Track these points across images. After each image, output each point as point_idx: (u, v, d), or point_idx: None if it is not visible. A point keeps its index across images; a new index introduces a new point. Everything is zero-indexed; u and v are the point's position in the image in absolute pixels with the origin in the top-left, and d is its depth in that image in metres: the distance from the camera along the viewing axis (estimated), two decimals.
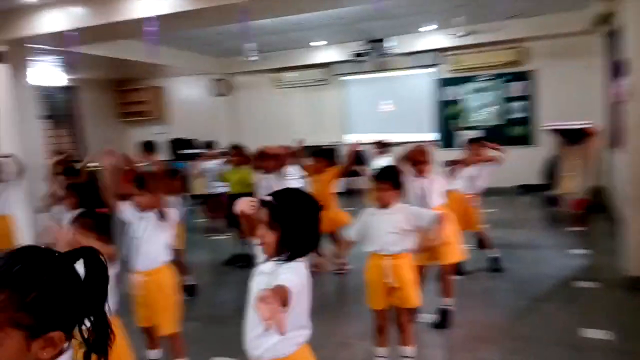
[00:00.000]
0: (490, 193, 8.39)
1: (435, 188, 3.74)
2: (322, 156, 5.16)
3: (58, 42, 6.70)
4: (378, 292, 2.98)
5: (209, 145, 7.31)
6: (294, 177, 6.45)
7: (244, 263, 5.40)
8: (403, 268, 2.93)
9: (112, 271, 2.48)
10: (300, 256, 1.82)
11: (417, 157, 3.76)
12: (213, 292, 5.01)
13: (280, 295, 1.55)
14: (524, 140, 9.23)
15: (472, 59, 9.29)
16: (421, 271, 3.82)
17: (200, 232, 7.26)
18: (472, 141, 5.08)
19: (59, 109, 11.07)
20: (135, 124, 12.25)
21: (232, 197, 5.69)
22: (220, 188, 6.26)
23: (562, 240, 6.00)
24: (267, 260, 1.84)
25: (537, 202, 7.40)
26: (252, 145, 10.41)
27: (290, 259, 1.79)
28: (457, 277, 4.81)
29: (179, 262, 4.88)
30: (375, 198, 2.97)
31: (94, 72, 10.73)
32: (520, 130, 9.27)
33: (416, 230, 2.94)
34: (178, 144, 11.21)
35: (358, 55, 9.31)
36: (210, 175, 6.51)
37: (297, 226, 1.79)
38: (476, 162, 4.76)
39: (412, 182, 3.76)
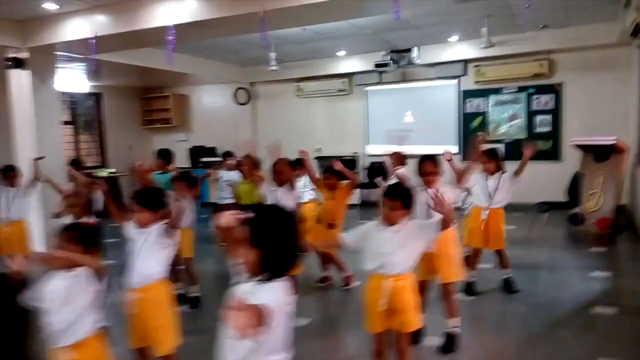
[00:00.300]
0: (510, 209, 8.22)
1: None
2: (333, 173, 5.03)
3: (81, 50, 6.82)
4: (376, 314, 2.84)
5: (227, 154, 7.24)
6: (305, 190, 6.37)
7: None
8: (404, 290, 2.79)
9: (99, 286, 2.42)
10: (282, 275, 1.73)
11: (426, 168, 3.63)
12: (218, 303, 4.91)
13: (258, 313, 1.50)
14: (549, 155, 8.95)
15: (497, 70, 9.07)
16: (422, 287, 3.68)
17: (212, 241, 7.22)
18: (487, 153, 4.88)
19: (83, 115, 11.28)
20: (158, 131, 12.39)
21: (241, 208, 5.65)
22: (228, 198, 6.22)
23: (584, 262, 5.74)
24: (247, 279, 1.75)
25: (560, 220, 7.13)
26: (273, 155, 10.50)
27: (270, 278, 1.70)
28: (468, 298, 4.66)
29: (188, 271, 4.85)
30: (383, 215, 2.84)
31: (119, 79, 10.90)
32: (545, 145, 9.00)
33: (423, 244, 2.82)
34: (199, 152, 11.27)
35: (380, 65, 9.19)
36: (222, 185, 6.47)
37: (279, 245, 1.70)
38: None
39: (419, 194, 3.63)
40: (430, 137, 9.79)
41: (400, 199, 2.77)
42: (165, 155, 5.71)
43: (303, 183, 6.36)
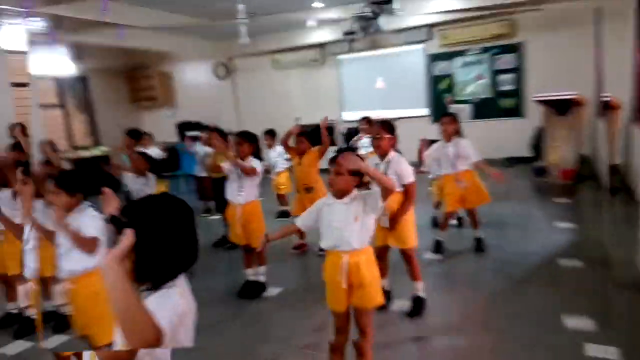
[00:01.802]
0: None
1: (395, 169, 3.08)
2: (304, 136, 4.52)
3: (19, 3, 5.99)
4: (336, 292, 2.40)
5: (205, 128, 6.68)
6: (278, 159, 5.88)
7: (232, 245, 4.89)
8: (362, 266, 2.33)
9: None
10: (170, 280, 1.26)
11: (372, 132, 3.16)
12: (192, 277, 4.46)
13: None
14: (514, 112, 8.46)
15: (461, 33, 8.47)
16: (381, 254, 3.23)
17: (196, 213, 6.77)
18: (444, 116, 4.33)
19: (73, 97, 10.57)
20: (147, 109, 11.73)
21: (215, 181, 5.15)
22: (203, 172, 5.72)
23: (550, 212, 5.34)
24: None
25: (525, 174, 6.71)
26: (254, 126, 9.98)
27: (156, 287, 1.23)
28: (437, 257, 4.25)
29: None
30: (328, 182, 2.35)
31: (103, 60, 10.15)
32: (510, 102, 8.49)
33: (373, 216, 2.35)
34: (185, 127, 10.64)
35: (349, 33, 8.53)
36: (199, 158, 5.95)
37: (158, 245, 1.22)
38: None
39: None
40: (401, 101, 9.26)
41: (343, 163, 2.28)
42: (134, 135, 5.17)
43: (277, 152, 5.88)
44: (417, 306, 3.26)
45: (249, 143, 3.72)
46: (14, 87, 7.00)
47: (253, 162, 3.70)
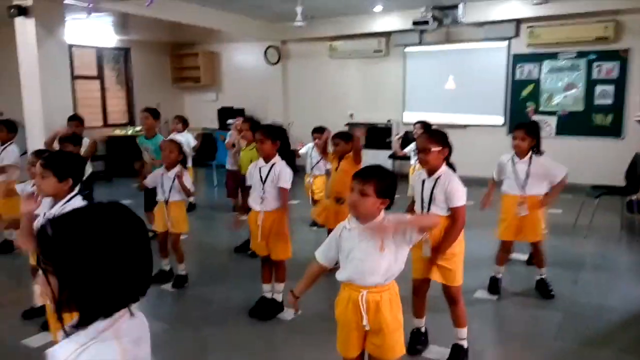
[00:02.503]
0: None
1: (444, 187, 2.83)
2: (342, 139, 4.30)
3: None
4: (350, 335, 2.18)
5: (240, 115, 6.65)
6: (314, 164, 5.74)
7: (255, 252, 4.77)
8: (384, 306, 2.10)
9: None
10: (103, 315, 1.03)
11: (419, 144, 2.92)
12: (205, 286, 4.37)
13: None
14: (610, 131, 7.85)
15: (553, 32, 7.94)
16: (419, 289, 3.01)
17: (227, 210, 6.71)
18: (519, 127, 3.96)
19: (111, 70, 10.91)
20: (188, 90, 11.92)
21: (242, 177, 5.04)
22: (233, 165, 5.64)
23: None
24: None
25: (615, 208, 6.16)
26: (303, 119, 9.89)
27: (82, 324, 1.03)
28: (492, 297, 3.92)
29: (174, 248, 4.32)
30: (349, 204, 2.14)
31: (147, 33, 10.39)
32: (605, 119, 7.89)
33: (405, 248, 2.12)
34: (228, 113, 10.71)
35: (419, 23, 8.23)
36: (231, 151, 5.87)
37: (86, 269, 1.00)
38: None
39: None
40: (474, 105, 8.84)
41: (373, 182, 2.05)
42: (155, 114, 5.21)
43: (308, 152, 5.72)
44: (457, 357, 2.97)
45: (272, 140, 3.53)
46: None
47: (281, 173, 3.50)
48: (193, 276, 4.40)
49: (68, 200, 2.44)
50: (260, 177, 3.53)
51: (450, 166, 2.89)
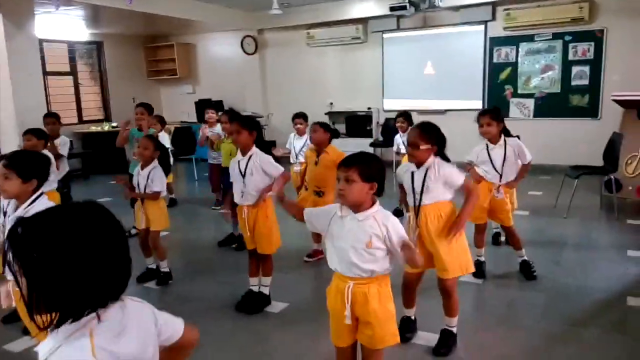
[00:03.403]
0: (537, 172, 7.34)
1: (440, 177, 2.82)
2: (325, 128, 4.26)
3: None
4: (341, 325, 2.17)
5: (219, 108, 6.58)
6: (300, 153, 5.66)
7: (239, 244, 4.74)
8: (373, 298, 2.09)
9: None
10: (71, 317, 1.00)
11: (409, 137, 2.88)
12: (190, 281, 4.33)
13: None
14: (586, 111, 7.98)
15: (529, 14, 8.01)
16: (410, 282, 3.01)
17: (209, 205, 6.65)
18: (484, 113, 3.97)
19: (84, 65, 10.68)
20: (164, 83, 11.77)
21: (224, 170, 4.99)
22: (216, 159, 5.58)
23: (620, 238, 4.94)
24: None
25: (594, 187, 6.27)
26: (282, 109, 9.82)
27: (56, 325, 1.00)
28: (476, 281, 3.96)
29: (154, 245, 4.25)
30: (337, 193, 2.13)
31: (120, 26, 10.20)
32: (582, 100, 8.00)
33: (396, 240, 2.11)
34: (205, 106, 10.58)
35: (396, 8, 8.21)
36: (209, 143, 5.83)
37: (58, 270, 0.97)
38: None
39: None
40: (453, 90, 8.89)
41: (356, 167, 2.03)
42: (150, 109, 5.15)
43: (303, 141, 5.63)
44: (446, 342, 2.99)
45: (249, 131, 3.47)
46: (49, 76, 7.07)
47: (264, 164, 3.45)
48: (177, 272, 4.36)
49: (33, 202, 2.37)
50: (240, 170, 3.48)
51: (445, 158, 2.87)
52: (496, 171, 3.88)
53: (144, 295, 3.98)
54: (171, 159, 5.61)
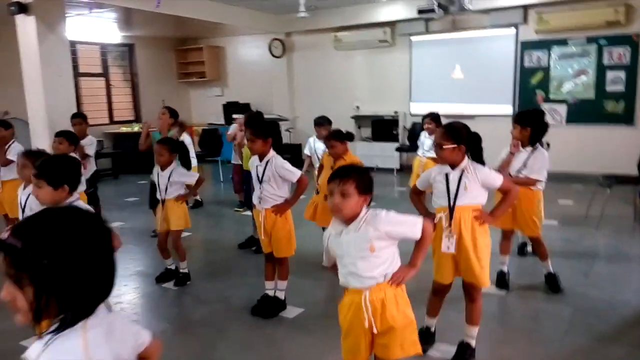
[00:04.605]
0: (568, 180, 7.11)
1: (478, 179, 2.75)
2: (339, 139, 4.19)
3: None
4: (358, 340, 2.08)
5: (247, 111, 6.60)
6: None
7: (258, 247, 4.71)
8: (390, 302, 2.02)
9: None
10: (78, 319, 1.06)
11: (436, 138, 2.80)
12: (208, 283, 4.31)
13: None
14: (621, 118, 7.69)
15: (562, 18, 7.77)
16: (439, 291, 2.93)
17: (232, 206, 6.66)
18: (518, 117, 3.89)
19: (115, 66, 10.88)
20: (193, 85, 11.89)
21: (245, 172, 4.97)
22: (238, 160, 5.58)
23: None
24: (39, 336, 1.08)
25: (628, 197, 6.02)
26: (307, 112, 9.78)
27: (65, 326, 1.05)
28: (498, 292, 3.83)
29: (175, 246, 4.26)
30: (332, 210, 2.06)
31: (151, 29, 10.35)
32: (617, 106, 7.72)
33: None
34: (233, 108, 10.65)
35: (425, 11, 8.09)
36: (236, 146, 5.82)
37: (67, 275, 1.02)
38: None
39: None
40: (482, 95, 8.70)
41: (352, 180, 1.98)
42: (174, 114, 5.19)
43: (311, 147, 5.56)
44: (463, 356, 2.88)
45: (263, 139, 3.42)
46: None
47: (280, 170, 3.41)
48: (196, 273, 4.36)
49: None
50: (257, 175, 3.45)
51: (479, 161, 2.77)
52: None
53: (161, 296, 4.02)
54: (193, 159, 5.62)
